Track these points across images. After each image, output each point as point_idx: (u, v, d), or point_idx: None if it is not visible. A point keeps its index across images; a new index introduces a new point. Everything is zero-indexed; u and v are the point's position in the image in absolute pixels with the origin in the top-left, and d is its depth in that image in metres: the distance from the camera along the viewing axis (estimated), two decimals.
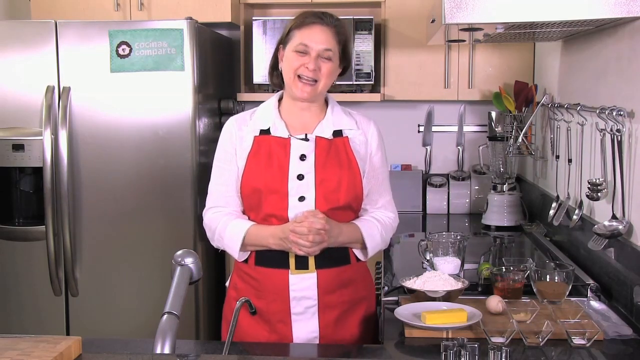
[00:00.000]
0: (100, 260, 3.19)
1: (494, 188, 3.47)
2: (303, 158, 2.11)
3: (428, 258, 2.44)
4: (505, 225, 3.37)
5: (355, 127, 2.20)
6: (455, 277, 2.16)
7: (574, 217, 2.53)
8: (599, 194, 2.25)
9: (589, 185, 2.28)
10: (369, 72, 3.55)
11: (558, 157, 2.85)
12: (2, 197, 3.29)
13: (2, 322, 3.23)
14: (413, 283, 2.10)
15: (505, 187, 3.44)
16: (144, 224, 3.17)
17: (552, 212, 2.79)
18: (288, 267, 2.10)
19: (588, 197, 2.30)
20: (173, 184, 3.15)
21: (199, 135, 3.17)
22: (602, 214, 2.32)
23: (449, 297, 2.05)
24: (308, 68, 2.09)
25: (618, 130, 2.12)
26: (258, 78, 3.63)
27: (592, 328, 1.82)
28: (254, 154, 2.13)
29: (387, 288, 2.30)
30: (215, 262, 3.45)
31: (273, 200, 2.10)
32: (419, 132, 3.91)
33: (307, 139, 2.13)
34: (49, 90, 3.10)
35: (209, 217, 2.19)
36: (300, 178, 2.09)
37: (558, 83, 3.04)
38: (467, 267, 2.49)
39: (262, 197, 2.10)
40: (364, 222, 2.17)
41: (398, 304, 2.06)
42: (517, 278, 2.12)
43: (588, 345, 1.79)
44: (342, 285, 2.14)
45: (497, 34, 2.58)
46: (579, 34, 2.60)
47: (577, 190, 2.59)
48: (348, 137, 2.17)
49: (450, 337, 1.84)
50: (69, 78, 3.12)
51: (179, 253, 1.65)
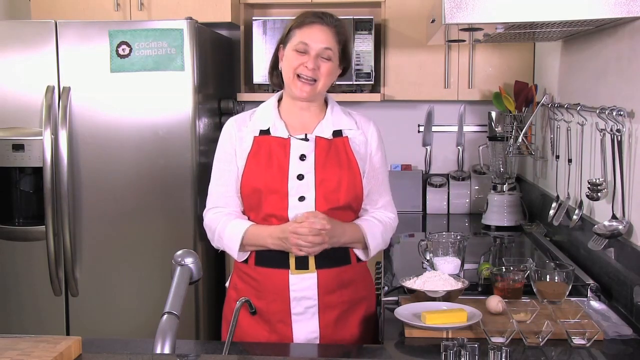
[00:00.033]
0: (100, 260, 3.19)
1: (494, 188, 3.47)
2: (303, 158, 2.11)
3: (428, 258, 2.44)
4: (505, 225, 3.36)
5: (355, 127, 2.20)
6: (455, 277, 2.16)
7: (574, 217, 2.53)
8: (599, 194, 2.25)
9: (589, 185, 2.28)
10: (369, 72, 3.54)
11: (558, 157, 2.85)
12: (2, 197, 3.29)
13: (2, 322, 3.23)
14: (413, 283, 2.10)
15: (505, 187, 3.44)
16: (144, 224, 3.17)
17: (552, 212, 2.79)
18: (288, 267, 2.10)
19: (588, 197, 2.30)
20: (173, 184, 3.15)
21: (199, 135, 3.17)
22: (602, 214, 2.32)
23: (449, 297, 2.04)
24: (307, 67, 2.09)
25: (618, 130, 2.12)
26: (258, 78, 3.63)
27: (592, 328, 1.82)
28: (254, 154, 2.13)
29: (387, 288, 2.30)
30: (215, 262, 3.44)
31: (273, 200, 2.10)
32: (419, 132, 3.91)
33: (307, 139, 2.13)
34: (49, 90, 3.10)
35: (209, 217, 2.19)
36: (300, 178, 2.09)
37: (558, 83, 3.04)
38: (467, 267, 2.49)
39: (262, 197, 2.10)
40: (366, 222, 2.17)
41: (398, 304, 2.06)
42: (517, 278, 2.12)
43: (588, 345, 1.78)
44: (342, 286, 2.14)
45: (497, 34, 2.58)
46: (579, 34, 2.60)
47: (577, 190, 2.59)
48: (348, 137, 2.17)
49: (450, 337, 1.84)
50: (69, 78, 3.12)
51: (179, 253, 1.65)
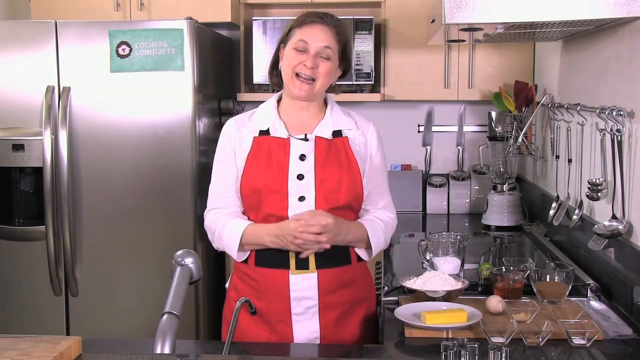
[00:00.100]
0: (100, 260, 3.19)
1: (494, 188, 3.47)
2: (303, 158, 2.11)
3: (428, 258, 2.44)
4: (505, 225, 3.36)
5: (355, 127, 2.20)
6: (455, 277, 2.16)
7: (574, 217, 2.53)
8: (599, 194, 2.25)
9: (589, 185, 2.28)
10: (369, 72, 3.54)
11: (558, 157, 2.85)
12: (2, 197, 3.29)
13: (2, 322, 3.23)
14: (413, 283, 2.10)
15: (505, 187, 3.44)
16: (144, 224, 3.17)
17: (552, 212, 2.79)
18: (288, 267, 2.10)
19: (588, 197, 2.30)
20: (173, 184, 3.15)
21: (199, 135, 3.17)
22: (602, 214, 2.32)
23: (449, 297, 2.04)
24: (306, 66, 2.09)
25: (618, 130, 2.12)
26: (258, 78, 3.63)
27: (592, 328, 1.82)
28: (254, 155, 2.13)
29: (387, 288, 2.30)
30: (215, 262, 3.44)
31: (273, 200, 2.09)
32: (419, 132, 3.91)
33: (306, 139, 2.13)
34: (49, 90, 3.10)
35: (209, 218, 2.19)
36: (300, 178, 2.09)
37: (558, 83, 3.04)
38: (467, 267, 2.49)
39: (262, 197, 2.10)
40: (368, 221, 2.17)
41: (398, 304, 2.06)
42: (517, 278, 2.12)
43: (588, 345, 1.78)
44: (342, 286, 2.14)
45: (497, 34, 2.58)
46: (579, 34, 2.60)
47: (577, 190, 2.59)
48: (347, 137, 2.17)
49: (450, 337, 1.84)
50: (69, 78, 3.12)
51: (179, 253, 1.65)
